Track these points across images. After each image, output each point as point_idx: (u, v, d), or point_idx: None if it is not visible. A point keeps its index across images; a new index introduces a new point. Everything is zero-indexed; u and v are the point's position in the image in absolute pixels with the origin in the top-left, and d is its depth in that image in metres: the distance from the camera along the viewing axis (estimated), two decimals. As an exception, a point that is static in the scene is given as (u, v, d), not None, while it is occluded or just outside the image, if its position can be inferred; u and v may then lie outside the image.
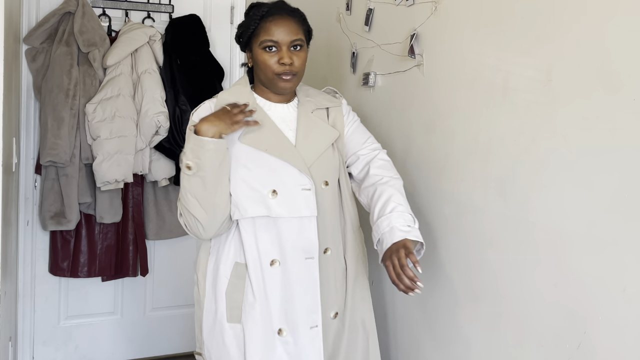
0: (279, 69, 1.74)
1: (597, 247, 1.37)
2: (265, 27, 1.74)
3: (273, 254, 1.78)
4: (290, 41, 1.74)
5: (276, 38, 1.73)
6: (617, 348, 1.33)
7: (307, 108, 1.87)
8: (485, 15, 1.71)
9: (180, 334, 3.38)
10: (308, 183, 1.78)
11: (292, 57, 1.74)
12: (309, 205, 1.78)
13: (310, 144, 1.81)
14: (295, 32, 1.75)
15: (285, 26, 1.74)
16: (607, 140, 1.34)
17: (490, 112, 1.69)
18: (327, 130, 1.87)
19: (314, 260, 1.80)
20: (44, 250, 3.03)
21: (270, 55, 1.74)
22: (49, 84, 2.78)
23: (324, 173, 1.83)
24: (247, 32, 1.78)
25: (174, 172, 3.08)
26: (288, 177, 1.76)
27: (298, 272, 1.79)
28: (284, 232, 1.77)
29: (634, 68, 1.28)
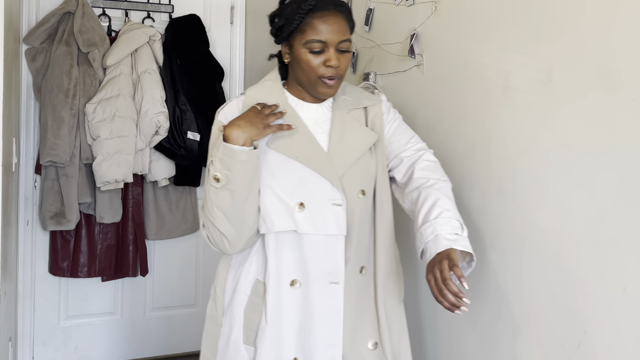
0: (325, 72, 1.56)
1: (597, 247, 1.37)
2: (313, 25, 1.54)
3: (294, 274, 1.61)
4: (339, 41, 1.55)
5: (325, 38, 1.54)
6: (617, 348, 1.33)
7: (342, 108, 1.69)
8: (485, 15, 1.71)
9: (180, 334, 3.38)
10: (339, 198, 1.60)
11: (339, 58, 1.57)
12: (338, 223, 1.60)
13: (345, 149, 1.63)
14: (344, 32, 1.57)
15: (335, 24, 1.55)
16: (607, 140, 1.34)
17: (490, 112, 1.69)
18: (364, 133, 1.68)
19: (339, 287, 1.61)
20: (44, 250, 3.03)
21: (315, 56, 1.56)
22: (49, 84, 2.78)
23: (360, 182, 1.64)
24: (288, 27, 1.57)
25: (174, 172, 3.08)
26: (318, 189, 1.59)
27: (320, 297, 1.61)
28: (308, 250, 1.59)
29: (634, 68, 1.28)
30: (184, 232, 3.22)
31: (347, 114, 1.68)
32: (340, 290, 1.61)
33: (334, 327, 1.62)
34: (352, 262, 1.63)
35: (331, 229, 1.60)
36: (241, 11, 3.35)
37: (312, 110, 1.67)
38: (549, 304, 1.50)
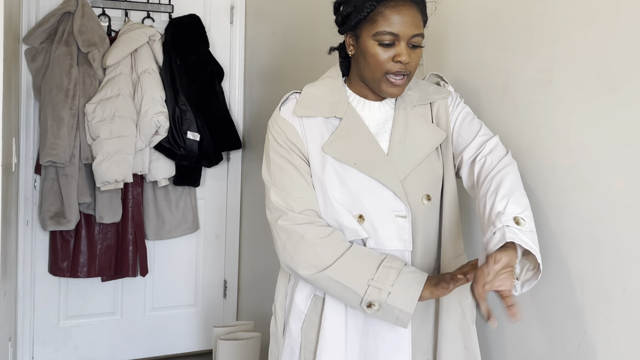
0: (392, 67, 1.41)
1: (597, 247, 1.37)
2: (385, 15, 1.39)
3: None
4: (412, 35, 1.40)
5: (397, 30, 1.38)
6: (617, 348, 1.33)
7: (407, 104, 1.52)
8: (486, 15, 1.71)
9: (180, 334, 3.38)
10: (403, 209, 1.45)
11: (410, 54, 1.41)
12: (403, 237, 1.45)
13: (407, 149, 1.48)
14: (418, 25, 1.41)
15: (409, 16, 1.39)
16: (607, 140, 1.34)
17: (490, 112, 1.69)
18: (430, 131, 1.51)
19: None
20: (43, 250, 3.03)
21: (384, 50, 1.40)
22: (49, 84, 2.78)
23: (425, 185, 1.48)
24: (357, 15, 1.42)
25: (174, 172, 3.08)
26: (379, 199, 1.45)
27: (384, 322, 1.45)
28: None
29: (634, 68, 1.28)
30: (184, 232, 3.21)
31: (412, 110, 1.52)
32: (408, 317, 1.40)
33: (402, 353, 1.47)
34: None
35: (395, 243, 1.45)
36: (241, 11, 3.35)
37: (375, 109, 1.52)
38: (549, 304, 1.50)
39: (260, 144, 3.26)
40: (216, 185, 3.39)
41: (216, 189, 3.39)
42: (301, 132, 1.49)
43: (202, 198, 3.34)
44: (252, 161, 3.33)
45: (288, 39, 2.96)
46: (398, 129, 1.49)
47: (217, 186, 3.39)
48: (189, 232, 3.24)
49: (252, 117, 3.33)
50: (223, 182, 3.41)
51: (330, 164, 1.46)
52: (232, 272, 3.49)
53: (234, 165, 3.41)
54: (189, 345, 3.41)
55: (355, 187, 1.45)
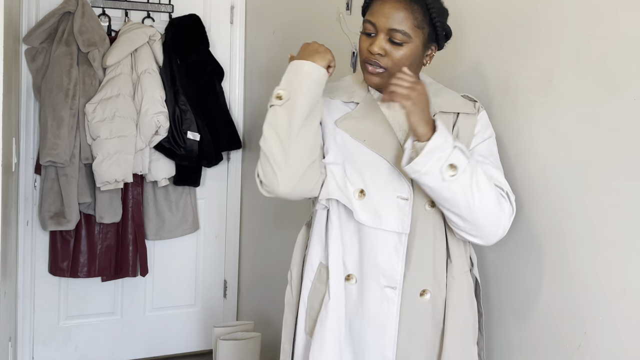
0: (368, 56, 1.44)
1: (597, 247, 1.37)
2: (371, 6, 1.45)
3: (350, 268, 1.48)
4: (389, 29, 1.40)
5: (374, 20, 1.42)
6: (617, 348, 1.33)
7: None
8: (486, 15, 1.71)
9: (180, 334, 3.38)
10: (406, 191, 1.43)
11: (385, 48, 1.41)
12: (402, 219, 1.43)
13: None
14: (399, 21, 1.39)
15: (390, 8, 1.40)
16: (607, 140, 1.34)
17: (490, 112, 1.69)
18: None
19: (395, 292, 1.44)
20: (43, 251, 3.03)
21: (365, 39, 1.45)
22: (49, 84, 2.78)
23: None
24: (364, 7, 1.51)
25: (174, 172, 3.08)
26: (383, 178, 1.44)
27: (372, 301, 1.46)
28: (364, 244, 1.46)
29: (634, 68, 1.28)
30: (184, 232, 3.22)
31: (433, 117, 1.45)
32: (396, 297, 1.44)
33: (388, 338, 1.45)
34: (412, 280, 1.46)
35: (392, 223, 1.43)
36: (241, 11, 3.35)
37: (392, 106, 1.51)
38: (549, 304, 1.50)
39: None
40: (216, 185, 3.39)
41: (216, 189, 3.39)
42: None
43: (202, 198, 3.34)
44: (252, 161, 3.33)
45: (288, 38, 2.96)
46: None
47: (217, 186, 3.39)
48: (189, 232, 3.24)
49: (252, 117, 3.33)
50: (223, 182, 3.41)
51: (340, 137, 1.49)
52: (232, 272, 3.49)
53: (234, 165, 3.41)
54: (189, 345, 3.41)
55: (361, 162, 1.45)
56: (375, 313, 1.46)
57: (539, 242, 1.53)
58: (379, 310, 1.45)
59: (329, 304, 1.48)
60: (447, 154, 1.33)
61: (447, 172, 1.33)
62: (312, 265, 1.53)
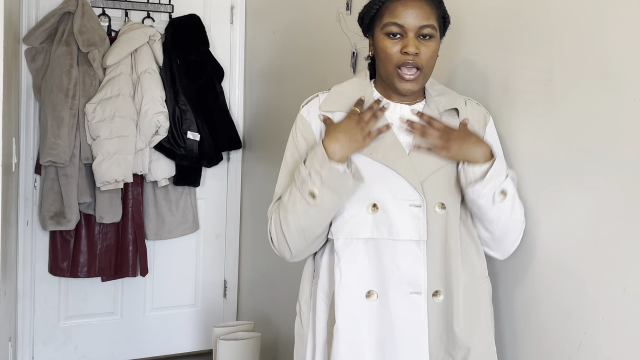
0: (401, 59, 1.41)
1: (597, 247, 1.37)
2: (391, 8, 1.42)
3: (370, 284, 1.46)
4: (419, 27, 1.41)
5: (402, 21, 1.40)
6: (617, 348, 1.33)
7: (433, 110, 1.52)
8: (485, 15, 1.71)
9: (180, 334, 3.38)
10: (418, 199, 1.44)
11: (419, 46, 1.41)
12: (418, 226, 1.43)
13: (427, 155, 1.47)
14: (427, 17, 1.41)
15: (416, 7, 1.41)
16: (607, 140, 1.34)
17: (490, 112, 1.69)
18: None
19: (421, 297, 1.44)
20: (43, 250, 3.03)
21: (392, 43, 1.42)
22: (49, 84, 2.78)
23: (441, 193, 1.46)
24: (369, 13, 1.47)
25: (174, 172, 3.08)
26: (394, 188, 1.44)
27: (400, 310, 1.45)
28: (384, 257, 1.45)
29: (634, 68, 1.28)
30: (184, 232, 3.22)
31: (439, 117, 1.51)
32: (423, 302, 1.45)
33: (419, 344, 1.45)
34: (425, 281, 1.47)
35: (410, 232, 1.44)
36: (241, 11, 3.35)
37: (398, 111, 1.52)
38: (549, 304, 1.50)
39: (260, 144, 3.26)
40: (216, 185, 3.39)
41: (216, 189, 3.39)
42: (319, 127, 1.52)
43: (202, 198, 3.35)
44: (252, 161, 3.33)
45: (288, 39, 2.96)
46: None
47: (217, 186, 3.39)
48: (189, 232, 3.24)
49: (252, 117, 3.33)
50: (223, 182, 3.41)
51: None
52: (232, 272, 3.49)
53: (234, 165, 3.41)
54: (189, 345, 3.41)
55: (371, 176, 1.45)
56: (406, 321, 1.45)
57: (538, 242, 1.53)
58: (408, 318, 1.45)
59: (340, 327, 1.46)
60: (502, 179, 1.44)
61: (498, 197, 1.44)
62: (325, 294, 1.53)
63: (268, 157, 3.12)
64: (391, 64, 1.43)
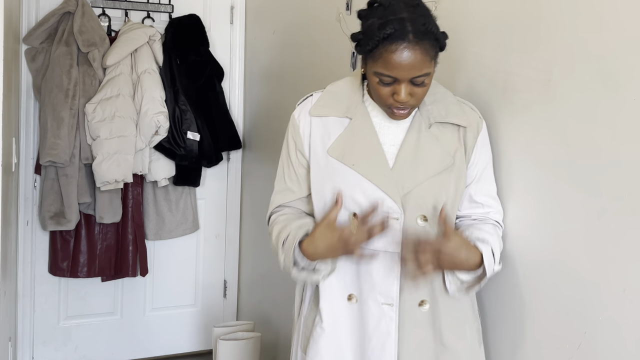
0: (393, 102, 1.42)
1: (597, 247, 1.37)
2: (384, 57, 1.36)
3: (351, 288, 1.53)
4: (413, 77, 1.38)
5: (395, 74, 1.37)
6: (617, 348, 1.33)
7: (423, 121, 1.51)
8: (485, 15, 1.71)
9: (180, 334, 3.38)
10: (397, 212, 1.47)
11: (412, 90, 1.40)
12: (394, 238, 1.47)
13: (413, 167, 1.48)
14: (420, 66, 1.36)
15: (410, 59, 1.34)
16: (607, 140, 1.34)
17: (489, 112, 1.69)
18: (439, 155, 1.50)
19: (392, 309, 1.49)
20: (43, 251, 3.03)
21: (384, 87, 1.41)
22: (49, 84, 2.78)
23: (424, 206, 1.49)
24: (364, 47, 1.41)
25: (174, 172, 3.08)
26: (374, 200, 1.47)
27: (372, 318, 1.50)
28: (362, 265, 1.50)
29: (634, 68, 1.28)
30: (184, 232, 3.22)
31: (426, 130, 1.51)
32: (393, 314, 1.49)
33: (387, 354, 1.50)
34: (409, 293, 1.51)
35: (384, 243, 1.48)
36: (241, 11, 3.35)
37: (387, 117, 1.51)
38: (549, 304, 1.50)
39: (260, 144, 3.26)
40: (216, 185, 3.39)
41: (216, 189, 3.39)
42: (307, 130, 1.55)
43: (202, 198, 3.35)
44: (252, 161, 3.33)
45: (288, 39, 2.96)
46: (409, 144, 1.50)
47: (217, 186, 3.39)
48: (189, 232, 3.24)
49: (252, 117, 3.33)
50: (223, 182, 3.41)
51: (332, 163, 1.50)
52: (232, 272, 3.49)
53: (234, 165, 3.41)
54: (189, 345, 3.41)
55: (353, 187, 1.48)
56: (374, 330, 1.51)
57: (538, 242, 1.53)
58: (377, 328, 1.50)
59: (322, 324, 1.54)
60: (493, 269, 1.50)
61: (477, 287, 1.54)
62: (312, 287, 1.59)
63: (268, 157, 3.11)
64: (382, 102, 1.45)
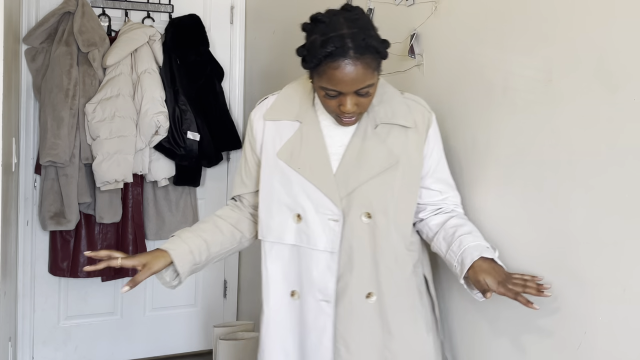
0: (339, 113, 1.50)
1: (597, 247, 1.37)
2: (328, 74, 1.42)
3: (294, 284, 1.64)
4: (356, 90, 1.45)
5: (339, 88, 1.44)
6: (617, 348, 1.33)
7: (369, 122, 1.59)
8: (485, 15, 1.71)
9: (180, 334, 3.38)
10: (337, 214, 1.55)
11: (357, 101, 1.47)
12: (332, 239, 1.56)
13: (357, 167, 1.56)
14: (362, 79, 1.43)
15: (352, 73, 1.41)
16: (607, 139, 1.34)
17: (490, 112, 1.69)
18: (383, 155, 1.58)
19: (329, 305, 1.58)
20: (43, 250, 3.03)
21: (330, 99, 1.48)
22: (49, 84, 2.78)
23: (368, 203, 1.57)
24: (308, 63, 1.47)
25: (174, 172, 3.08)
26: (316, 202, 1.56)
27: (311, 313, 1.61)
28: (303, 264, 1.60)
29: (634, 68, 1.28)
30: (183, 232, 3.21)
31: (372, 131, 1.58)
32: (330, 310, 1.59)
33: (324, 347, 1.60)
34: (355, 286, 1.58)
35: (323, 244, 1.57)
36: (241, 11, 3.36)
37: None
38: (549, 304, 1.50)
39: (260, 144, 3.26)
40: (216, 185, 3.39)
41: (216, 189, 3.39)
42: (261, 133, 1.65)
43: (202, 198, 3.35)
44: (252, 161, 3.33)
45: (288, 39, 2.96)
46: (354, 145, 1.58)
47: (217, 186, 3.39)
48: (189, 232, 3.24)
49: (252, 117, 3.33)
50: (223, 182, 3.41)
51: (280, 165, 1.60)
52: (232, 272, 3.49)
53: (234, 165, 3.41)
54: (189, 345, 3.41)
55: (298, 189, 1.58)
56: (313, 325, 1.61)
57: (538, 241, 1.53)
58: (315, 323, 1.60)
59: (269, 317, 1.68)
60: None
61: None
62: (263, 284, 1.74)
63: (268, 157, 3.11)
64: (330, 111, 1.53)
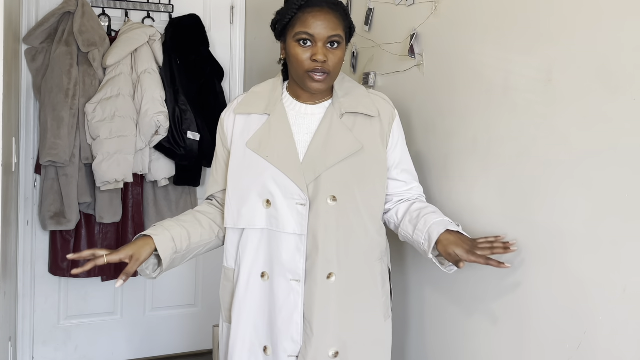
0: (310, 65, 1.61)
1: (597, 247, 1.37)
2: (303, 19, 1.60)
3: (263, 266, 1.70)
4: (328, 37, 1.60)
5: (312, 31, 1.59)
6: (617, 348, 1.33)
7: (336, 111, 1.71)
8: (486, 15, 1.71)
9: (180, 334, 3.38)
10: (304, 199, 1.64)
11: (327, 54, 1.61)
12: (301, 222, 1.65)
13: (323, 154, 1.67)
14: (334, 27, 1.61)
15: (324, 20, 1.60)
16: (607, 140, 1.34)
17: (490, 112, 1.69)
18: (348, 141, 1.68)
19: (299, 284, 1.66)
20: (43, 250, 3.03)
21: (303, 50, 1.61)
22: (49, 84, 2.78)
23: (332, 187, 1.66)
24: (282, 21, 1.64)
25: (174, 172, 3.08)
26: (284, 188, 1.65)
27: (282, 293, 1.68)
28: (273, 246, 1.68)
29: (634, 68, 1.28)
30: (184, 232, 3.21)
31: (338, 120, 1.70)
32: (300, 289, 1.67)
33: (294, 324, 1.67)
34: (319, 266, 1.66)
35: (293, 227, 1.65)
36: (241, 11, 3.36)
37: (303, 110, 1.72)
38: (549, 304, 1.50)
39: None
40: (216, 185, 3.39)
41: (216, 189, 3.39)
42: (231, 127, 1.75)
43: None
44: (252, 161, 3.33)
45: (288, 39, 2.96)
46: (321, 133, 1.68)
47: (217, 186, 3.39)
48: (189, 232, 3.24)
49: (252, 117, 3.33)
50: (223, 182, 3.41)
51: (249, 154, 1.69)
52: (232, 272, 3.48)
53: (234, 165, 3.41)
54: (189, 345, 3.41)
55: (267, 176, 1.66)
56: (284, 303, 1.68)
57: (538, 241, 1.53)
58: (286, 301, 1.67)
59: (243, 297, 1.72)
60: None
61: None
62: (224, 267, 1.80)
63: (268, 157, 3.11)
64: (302, 68, 1.62)
